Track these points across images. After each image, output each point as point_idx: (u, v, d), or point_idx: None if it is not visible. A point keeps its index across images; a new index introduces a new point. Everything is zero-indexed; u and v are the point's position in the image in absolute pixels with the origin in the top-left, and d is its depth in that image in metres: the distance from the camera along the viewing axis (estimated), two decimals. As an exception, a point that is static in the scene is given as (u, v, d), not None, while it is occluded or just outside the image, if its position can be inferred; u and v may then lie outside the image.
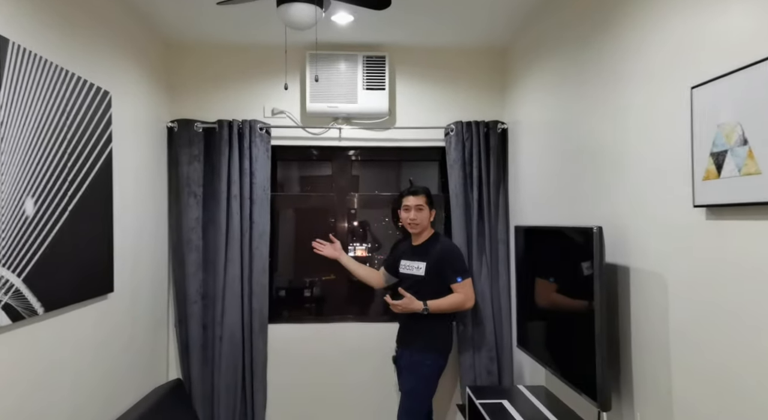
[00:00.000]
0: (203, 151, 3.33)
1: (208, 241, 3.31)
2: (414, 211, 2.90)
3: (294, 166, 3.83)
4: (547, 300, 2.38)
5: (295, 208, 3.76)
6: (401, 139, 3.49)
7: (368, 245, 3.73)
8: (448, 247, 2.91)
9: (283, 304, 3.69)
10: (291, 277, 3.75)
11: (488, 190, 3.35)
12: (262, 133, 3.35)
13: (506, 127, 3.40)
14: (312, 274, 3.73)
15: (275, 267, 3.63)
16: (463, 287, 2.80)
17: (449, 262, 2.83)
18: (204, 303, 3.29)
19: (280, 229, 3.71)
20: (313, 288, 3.76)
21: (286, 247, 3.77)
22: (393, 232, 3.77)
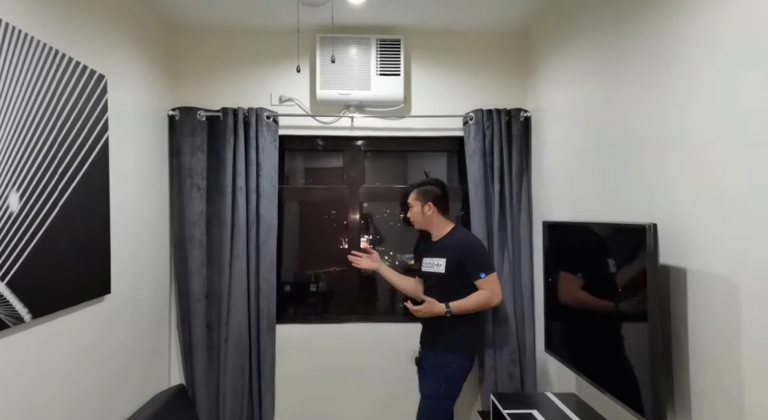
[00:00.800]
0: (207, 141, 3.13)
1: (212, 237, 3.12)
2: (409, 210, 2.81)
3: (302, 157, 3.62)
4: (584, 302, 2.18)
5: (304, 201, 3.56)
6: (417, 129, 3.28)
7: (369, 237, 3.52)
8: (467, 240, 2.71)
9: (290, 300, 3.50)
10: (299, 272, 3.55)
11: (510, 182, 3.15)
12: (269, 121, 3.14)
13: (529, 115, 3.19)
14: (321, 269, 3.54)
15: (282, 262, 3.44)
16: (487, 283, 2.60)
17: (470, 256, 2.64)
18: (208, 302, 3.11)
19: (289, 223, 3.51)
20: (319, 282, 3.57)
21: (295, 243, 3.57)
22: (395, 224, 3.57)
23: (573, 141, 2.60)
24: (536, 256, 3.13)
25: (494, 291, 2.62)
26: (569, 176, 2.64)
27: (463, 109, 3.23)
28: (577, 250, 2.28)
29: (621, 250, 1.87)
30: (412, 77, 3.28)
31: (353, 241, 3.41)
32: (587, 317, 2.17)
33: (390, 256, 3.57)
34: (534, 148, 3.17)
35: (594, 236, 2.14)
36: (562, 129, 2.74)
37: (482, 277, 2.60)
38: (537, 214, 3.14)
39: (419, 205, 2.75)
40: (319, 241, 3.57)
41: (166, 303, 3.08)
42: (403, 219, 3.54)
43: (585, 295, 2.17)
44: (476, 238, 2.83)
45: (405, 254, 3.57)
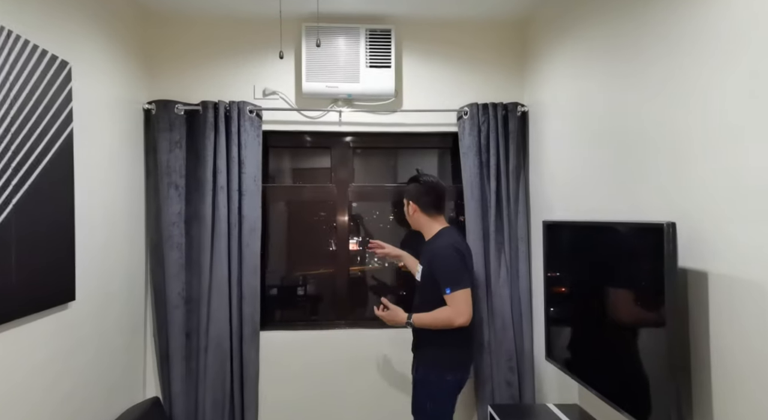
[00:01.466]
0: (185, 137, 2.94)
1: (191, 238, 2.93)
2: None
3: (288, 155, 3.44)
4: (589, 307, 2.02)
5: (289, 201, 3.38)
6: (408, 124, 3.12)
7: (359, 239, 3.35)
8: (438, 249, 2.36)
9: (276, 305, 3.31)
10: (285, 275, 3.36)
11: (507, 180, 2.99)
12: (252, 116, 2.96)
13: (526, 110, 3.03)
14: (308, 271, 3.36)
15: (267, 265, 3.25)
16: (452, 300, 2.25)
17: (437, 268, 2.32)
18: (187, 308, 2.91)
19: (274, 224, 3.33)
20: (307, 286, 3.38)
21: (281, 244, 3.38)
22: (385, 225, 3.40)
23: (575, 136, 2.44)
24: (534, 258, 2.98)
25: (458, 310, 2.23)
26: (571, 174, 2.48)
27: (458, 104, 3.07)
28: (582, 251, 2.12)
29: (634, 251, 1.71)
30: (404, 70, 3.11)
31: (342, 243, 3.24)
32: (593, 323, 2.00)
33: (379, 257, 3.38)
34: (532, 144, 3.02)
35: (602, 236, 1.98)
36: (563, 124, 2.59)
37: (447, 292, 2.25)
38: (535, 215, 2.98)
39: (407, 204, 2.57)
40: (305, 243, 3.38)
41: (142, 310, 2.88)
42: (395, 218, 3.37)
43: (591, 300, 2.01)
44: (451, 246, 2.34)
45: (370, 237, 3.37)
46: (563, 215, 2.56)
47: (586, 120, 2.34)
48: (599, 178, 2.20)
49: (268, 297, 3.24)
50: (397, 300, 2.96)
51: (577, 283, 2.16)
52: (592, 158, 2.28)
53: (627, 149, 1.99)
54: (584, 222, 2.11)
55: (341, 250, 3.23)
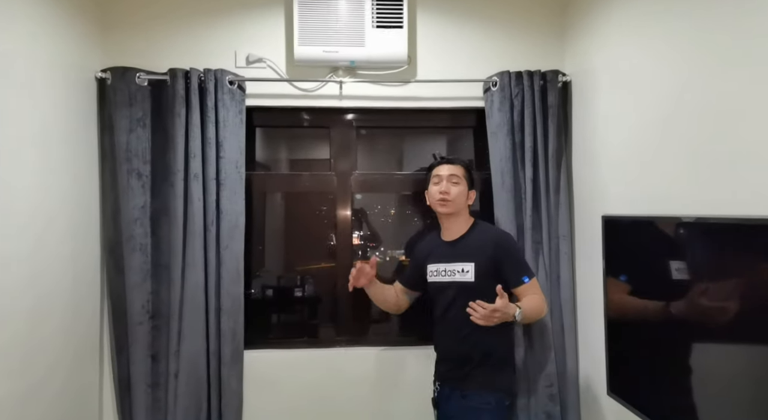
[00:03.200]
0: (150, 113, 2.39)
1: (158, 238, 2.39)
2: (446, 182, 2.09)
3: (278, 136, 2.88)
4: (688, 333, 1.47)
5: (280, 193, 2.83)
6: (424, 98, 2.56)
7: (361, 233, 2.81)
8: (504, 237, 2.14)
9: (264, 318, 2.77)
10: (277, 284, 2.82)
11: (546, 165, 2.44)
12: (232, 88, 2.40)
13: (568, 80, 2.48)
14: (303, 276, 2.82)
15: (252, 270, 2.70)
16: (534, 288, 2.04)
17: (512, 257, 2.05)
18: (153, 324, 2.37)
19: (260, 222, 2.77)
20: (303, 293, 2.84)
21: (268, 246, 2.83)
22: (387, 219, 2.85)
23: (640, 112, 1.90)
24: (579, 261, 2.44)
25: (543, 296, 2.08)
26: (636, 159, 1.93)
27: (484, 73, 2.51)
28: (665, 255, 1.57)
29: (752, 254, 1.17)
30: (419, 31, 2.55)
31: (343, 243, 2.68)
32: (689, 353, 1.46)
33: (381, 251, 2.84)
34: (576, 122, 2.46)
35: (697, 237, 1.43)
36: (622, 97, 2.04)
37: (525, 281, 2.01)
38: (580, 207, 2.44)
39: (465, 186, 2.13)
40: (299, 244, 2.85)
41: (96, 327, 2.34)
42: (417, 213, 2.83)
43: (689, 322, 1.46)
44: (507, 232, 2.29)
45: (396, 251, 2.87)
46: (623, 208, 2.02)
47: (656, 91, 1.79)
48: (683, 163, 1.65)
49: (255, 309, 2.69)
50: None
51: (661, 297, 1.61)
52: (666, 139, 1.73)
53: (719, 127, 1.45)
54: (675, 217, 1.55)
55: (343, 253, 2.68)
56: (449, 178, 2.10)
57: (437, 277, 2.10)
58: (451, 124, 2.77)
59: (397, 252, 2.85)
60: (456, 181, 2.10)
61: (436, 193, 2.11)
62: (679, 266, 1.51)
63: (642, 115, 1.90)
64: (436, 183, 2.13)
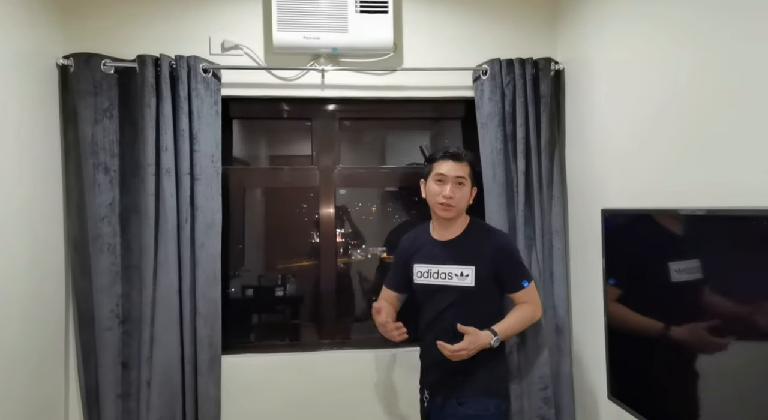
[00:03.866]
0: (117, 103, 2.22)
1: (128, 238, 2.23)
2: (452, 185, 1.87)
3: (258, 129, 2.74)
4: (692, 328, 1.37)
5: (259, 188, 2.68)
6: (410, 87, 2.43)
7: (342, 231, 2.69)
8: (503, 239, 1.99)
9: (243, 321, 2.63)
10: (254, 283, 2.67)
11: (538, 157, 2.33)
12: (207, 76, 2.25)
13: (561, 68, 2.37)
14: (283, 275, 2.68)
15: (230, 270, 2.56)
16: (529, 294, 1.94)
17: (512, 261, 1.93)
18: (124, 329, 2.21)
19: (239, 219, 2.63)
20: (285, 293, 2.70)
21: (248, 244, 2.69)
22: (367, 217, 2.73)
23: (640, 100, 1.79)
24: (573, 257, 2.34)
25: (538, 302, 1.98)
26: (636, 149, 1.83)
27: (474, 61, 2.39)
28: (672, 250, 1.47)
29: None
30: (405, 16, 2.42)
31: (326, 241, 2.55)
32: (696, 350, 1.36)
33: (363, 249, 2.72)
34: (569, 111, 2.36)
35: (708, 230, 1.33)
36: (621, 85, 1.93)
37: (525, 286, 1.92)
38: (573, 201, 2.34)
39: (469, 186, 1.92)
40: (281, 242, 2.71)
41: (61, 333, 2.18)
42: (405, 210, 2.70)
43: (695, 322, 1.36)
44: (506, 232, 2.19)
45: (378, 248, 2.74)
46: (620, 202, 1.92)
47: (656, 79, 1.69)
48: (686, 153, 1.55)
49: (233, 311, 2.54)
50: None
51: (665, 296, 1.51)
52: (666, 128, 1.63)
53: (722, 117, 1.35)
54: (681, 211, 1.45)
55: (326, 251, 2.54)
56: (455, 180, 1.86)
57: (427, 279, 1.93)
58: (439, 115, 2.66)
59: (379, 249, 2.73)
60: (461, 182, 1.87)
61: (438, 194, 1.86)
62: (689, 265, 1.41)
63: (641, 103, 1.79)
64: (439, 182, 1.88)
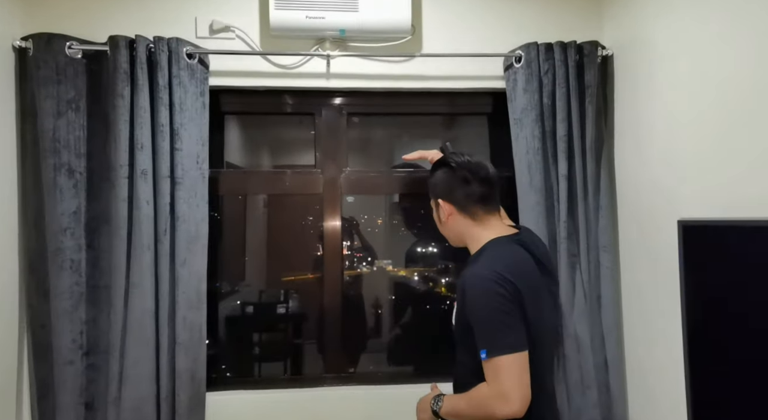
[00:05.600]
0: (85, 93, 1.88)
1: (96, 253, 1.88)
2: None
3: (255, 132, 2.39)
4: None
5: (255, 196, 2.33)
6: (431, 76, 2.08)
7: (349, 244, 2.34)
8: (467, 278, 1.36)
9: (232, 352, 2.27)
10: (246, 307, 2.32)
11: (583, 159, 1.97)
12: (192, 62, 1.91)
13: (609, 54, 2.01)
14: (280, 296, 2.34)
15: (220, 289, 2.20)
16: (489, 371, 1.27)
17: (472, 312, 1.32)
18: (88, 363, 1.86)
19: (229, 231, 2.27)
20: (288, 311, 2.36)
21: (239, 260, 2.33)
22: (374, 229, 2.37)
23: (721, 89, 1.43)
24: (625, 278, 1.97)
25: (499, 391, 1.24)
26: (708, 150, 1.47)
27: (506, 46, 2.04)
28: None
29: None
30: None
31: (331, 257, 2.18)
32: None
33: (368, 262, 2.38)
34: (620, 105, 2.00)
35: None
36: (686, 74, 1.58)
37: (482, 357, 1.27)
38: (625, 211, 1.97)
39: (435, 207, 1.55)
40: (278, 258, 2.35)
41: (12, 366, 1.82)
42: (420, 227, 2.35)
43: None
44: (492, 273, 1.30)
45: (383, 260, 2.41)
46: (688, 211, 1.55)
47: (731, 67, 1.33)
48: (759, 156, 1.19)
49: (220, 339, 2.18)
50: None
51: None
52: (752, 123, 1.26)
53: None
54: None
55: (331, 268, 2.18)
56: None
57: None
58: (462, 111, 2.30)
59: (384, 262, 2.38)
60: (432, 208, 1.57)
61: None
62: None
63: (722, 93, 1.43)
64: None
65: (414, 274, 2.41)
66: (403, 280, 2.40)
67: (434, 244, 2.38)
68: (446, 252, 2.35)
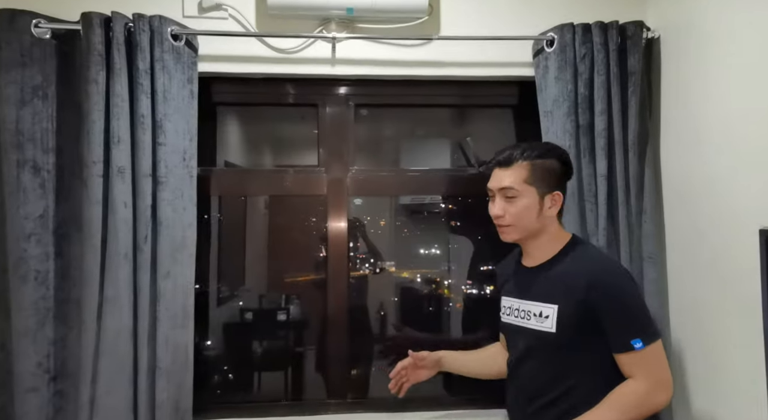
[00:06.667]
0: (55, 79, 1.65)
1: (66, 262, 1.65)
2: (499, 199, 1.33)
3: (250, 118, 2.15)
4: None
5: (248, 198, 2.09)
6: (449, 63, 1.83)
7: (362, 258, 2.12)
8: (604, 270, 1.29)
9: (221, 375, 2.02)
10: (239, 324, 2.08)
11: (625, 157, 1.72)
12: (178, 45, 1.67)
13: (655, 36, 1.76)
14: (279, 307, 2.11)
15: (208, 306, 1.96)
16: (643, 362, 1.21)
17: (614, 305, 1.23)
18: (56, 390, 1.62)
19: (219, 238, 2.03)
20: (289, 317, 2.14)
21: (230, 271, 2.09)
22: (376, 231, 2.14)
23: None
24: (673, 294, 1.72)
25: (660, 379, 1.22)
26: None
27: (535, 27, 1.79)
28: None
29: None
30: (443, -32, 1.83)
31: (335, 272, 1.92)
32: None
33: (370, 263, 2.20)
34: (667, 95, 1.75)
35: None
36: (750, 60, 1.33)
37: (636, 347, 1.20)
38: (673, 217, 1.72)
39: (533, 194, 1.31)
40: (277, 268, 2.11)
41: (-34, 395, 1.57)
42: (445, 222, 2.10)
43: None
44: (622, 267, 1.43)
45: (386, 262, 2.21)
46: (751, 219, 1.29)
47: None
48: None
49: (208, 361, 1.94)
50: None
51: None
52: None
53: None
54: None
55: (336, 284, 1.92)
56: (501, 192, 1.32)
57: (509, 317, 1.41)
58: (483, 102, 2.04)
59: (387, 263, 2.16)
60: (513, 195, 1.30)
61: (490, 214, 1.36)
62: None
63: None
64: (492, 197, 1.37)
65: (426, 279, 2.18)
66: (414, 286, 2.18)
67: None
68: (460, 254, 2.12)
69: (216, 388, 1.99)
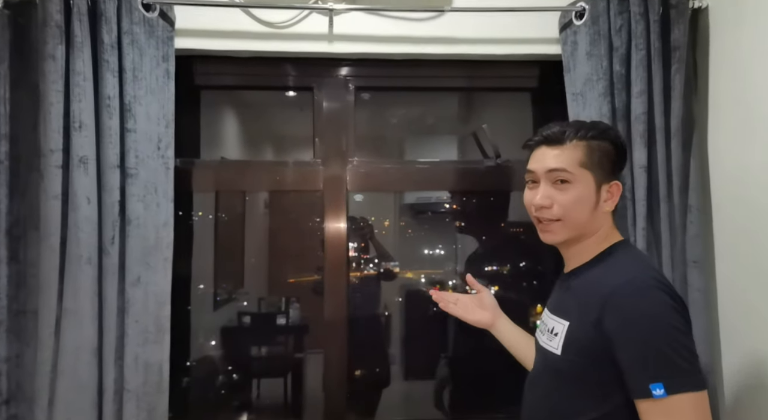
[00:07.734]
0: (8, 56, 1.43)
1: (20, 268, 1.44)
2: (544, 184, 1.07)
3: (238, 105, 1.93)
4: None
5: (234, 194, 1.86)
6: (463, 40, 1.60)
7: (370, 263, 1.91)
8: (633, 280, 0.98)
9: (205, 389, 1.80)
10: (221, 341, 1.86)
11: (667, 146, 1.49)
12: (151, 16, 1.45)
13: (702, 5, 1.53)
14: (275, 315, 1.89)
15: (190, 319, 1.74)
16: (667, 416, 0.89)
17: (636, 337, 0.93)
18: (10, 414, 1.42)
19: (201, 240, 1.81)
20: (288, 322, 1.93)
21: (209, 276, 1.88)
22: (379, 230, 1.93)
23: None
24: (722, 303, 1.48)
25: None
26: None
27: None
28: None
29: None
30: (457, -71, 1.60)
31: (334, 272, 1.70)
32: None
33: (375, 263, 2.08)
34: (716, 75, 1.51)
35: None
36: None
37: (655, 395, 0.89)
38: (722, 216, 1.49)
39: (589, 182, 1.05)
40: (267, 273, 1.90)
41: None
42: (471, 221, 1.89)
43: None
44: (661, 284, 0.97)
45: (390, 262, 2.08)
46: None
47: None
48: None
49: (188, 379, 1.72)
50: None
51: None
52: None
53: None
54: None
55: (333, 291, 1.69)
56: (549, 176, 1.06)
57: (538, 332, 1.18)
58: (500, 85, 1.81)
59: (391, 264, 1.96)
60: (566, 178, 1.04)
61: (529, 204, 1.10)
62: None
63: None
64: (531, 183, 1.11)
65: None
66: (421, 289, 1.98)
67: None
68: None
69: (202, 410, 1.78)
